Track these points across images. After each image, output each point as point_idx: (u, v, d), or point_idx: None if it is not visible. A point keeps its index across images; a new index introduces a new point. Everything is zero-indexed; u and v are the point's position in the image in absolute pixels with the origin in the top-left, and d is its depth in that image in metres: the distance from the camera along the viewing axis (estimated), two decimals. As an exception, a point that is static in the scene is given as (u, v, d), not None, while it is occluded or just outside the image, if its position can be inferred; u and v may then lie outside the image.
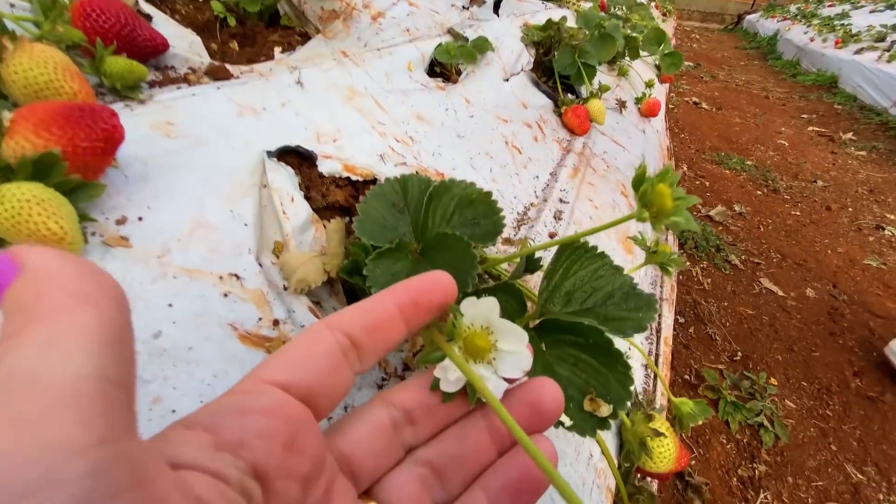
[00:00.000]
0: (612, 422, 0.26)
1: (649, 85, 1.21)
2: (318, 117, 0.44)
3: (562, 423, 0.26)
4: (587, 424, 0.26)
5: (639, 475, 0.40)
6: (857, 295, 0.95)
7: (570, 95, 0.87)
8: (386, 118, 0.50)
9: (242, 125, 0.38)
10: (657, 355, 0.63)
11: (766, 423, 0.61)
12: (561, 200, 0.59)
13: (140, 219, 0.29)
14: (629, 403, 0.27)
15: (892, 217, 1.43)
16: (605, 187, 0.72)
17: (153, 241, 0.29)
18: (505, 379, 0.22)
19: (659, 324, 0.68)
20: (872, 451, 0.62)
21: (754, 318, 0.80)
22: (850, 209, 1.43)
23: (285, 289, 0.31)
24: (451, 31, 0.72)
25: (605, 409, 0.27)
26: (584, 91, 0.90)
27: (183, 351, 0.25)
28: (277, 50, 0.50)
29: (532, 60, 0.90)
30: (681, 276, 0.85)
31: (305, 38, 0.56)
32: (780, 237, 1.12)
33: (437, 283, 0.22)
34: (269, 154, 0.37)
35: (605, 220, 0.63)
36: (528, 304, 0.33)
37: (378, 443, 0.21)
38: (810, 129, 2.25)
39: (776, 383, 0.69)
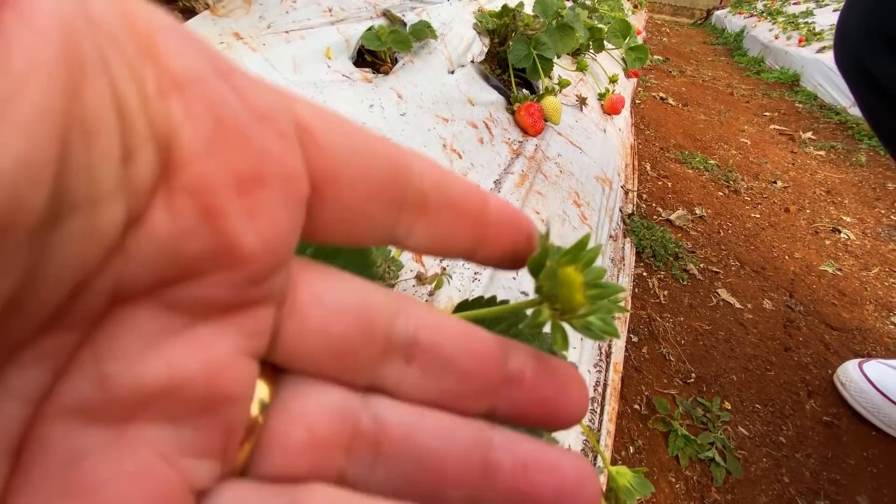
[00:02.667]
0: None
1: (613, 80, 1.15)
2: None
3: None
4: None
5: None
6: (813, 305, 0.93)
7: (524, 91, 0.80)
8: (286, 118, 0.42)
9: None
10: (605, 385, 0.57)
11: (717, 457, 0.56)
12: (501, 215, 0.52)
13: None
14: None
15: (848, 219, 1.43)
16: (555, 196, 0.66)
17: None
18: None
19: (609, 347, 0.62)
20: (825, 481, 0.59)
21: (710, 333, 0.76)
22: (807, 211, 1.43)
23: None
24: (386, 14, 0.63)
25: None
26: (541, 86, 0.82)
27: None
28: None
29: (485, 51, 0.82)
30: (636, 290, 0.80)
31: (189, 14, 0.46)
32: (740, 242, 1.10)
33: None
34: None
35: (553, 238, 0.57)
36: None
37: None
38: (772, 127, 2.27)
39: (730, 407, 0.65)
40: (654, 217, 1.08)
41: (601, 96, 1.14)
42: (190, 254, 0.09)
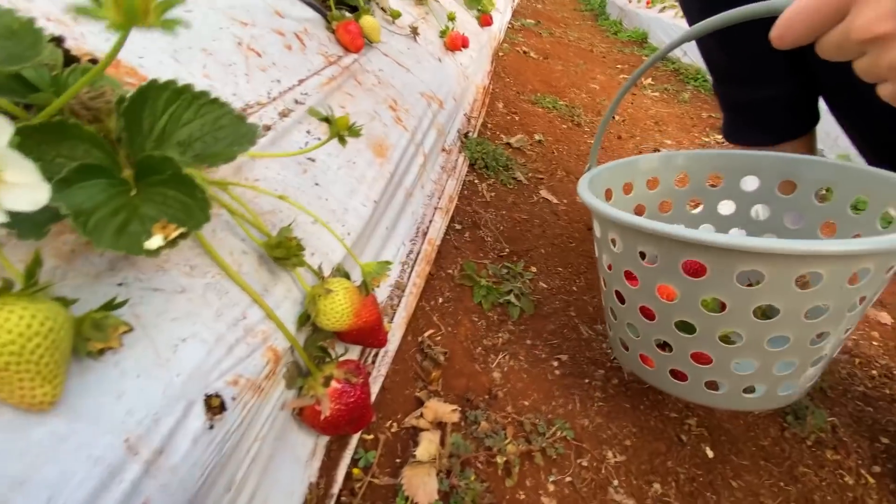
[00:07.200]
0: (173, 239, 0.25)
1: (451, 18, 1.24)
2: None
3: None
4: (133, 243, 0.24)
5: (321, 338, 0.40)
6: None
7: (344, 12, 0.84)
8: (31, -8, 0.42)
9: None
10: (418, 253, 0.66)
11: (513, 299, 0.68)
12: (296, 101, 0.57)
13: None
14: (205, 223, 0.27)
15: (669, 142, 1.69)
16: (367, 99, 0.72)
17: None
18: None
19: (427, 227, 0.71)
20: (603, 312, 0.73)
21: (527, 221, 0.89)
22: (637, 138, 1.66)
23: None
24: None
25: (174, 233, 0.26)
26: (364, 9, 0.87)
27: None
28: None
29: (304, -25, 0.84)
30: (465, 191, 0.90)
31: None
32: (571, 159, 1.26)
33: None
34: None
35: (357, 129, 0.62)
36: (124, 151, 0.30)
37: None
38: (621, 76, 2.54)
39: (536, 271, 0.78)
40: (497, 141, 1.20)
41: (442, 33, 1.22)
42: None
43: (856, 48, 0.29)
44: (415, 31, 1.04)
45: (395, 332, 0.53)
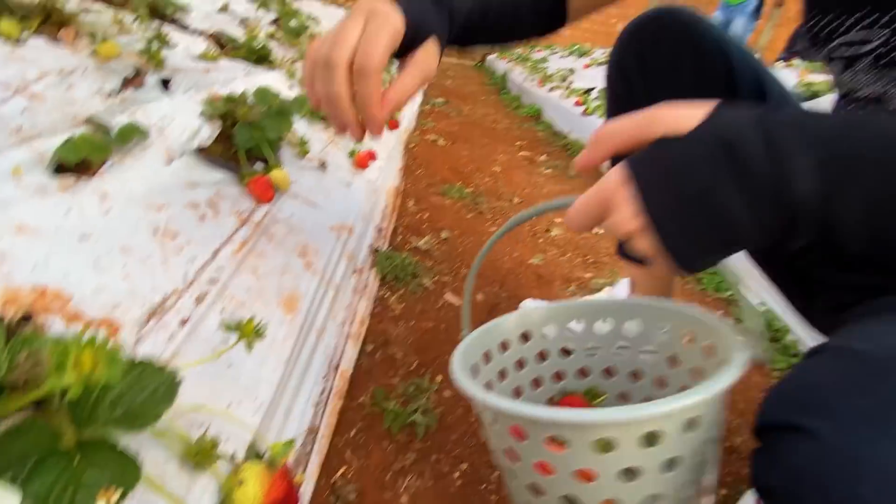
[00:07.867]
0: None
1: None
2: None
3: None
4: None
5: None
6: (517, 290, 1.28)
7: (256, 167, 0.96)
8: (-40, 241, 0.49)
9: None
10: (330, 390, 0.75)
11: (418, 418, 0.78)
12: (210, 281, 0.66)
13: None
14: (138, 482, 0.35)
15: (558, 220, 1.94)
16: (278, 252, 0.82)
17: None
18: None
19: (339, 360, 0.81)
20: (499, 413, 0.86)
21: (434, 328, 1.02)
22: (534, 219, 1.89)
23: None
24: (90, 121, 0.72)
25: (114, 497, 0.34)
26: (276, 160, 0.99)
27: None
28: None
29: (216, 134, 0.96)
30: (377, 308, 1.01)
31: None
32: (474, 254, 1.43)
33: None
34: None
35: (268, 290, 0.72)
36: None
37: None
38: (520, 154, 2.88)
39: (441, 379, 0.90)
40: (406, 246, 1.34)
41: (351, 154, 1.38)
42: None
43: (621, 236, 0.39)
44: (323, 165, 1.18)
45: (309, 480, 0.62)
